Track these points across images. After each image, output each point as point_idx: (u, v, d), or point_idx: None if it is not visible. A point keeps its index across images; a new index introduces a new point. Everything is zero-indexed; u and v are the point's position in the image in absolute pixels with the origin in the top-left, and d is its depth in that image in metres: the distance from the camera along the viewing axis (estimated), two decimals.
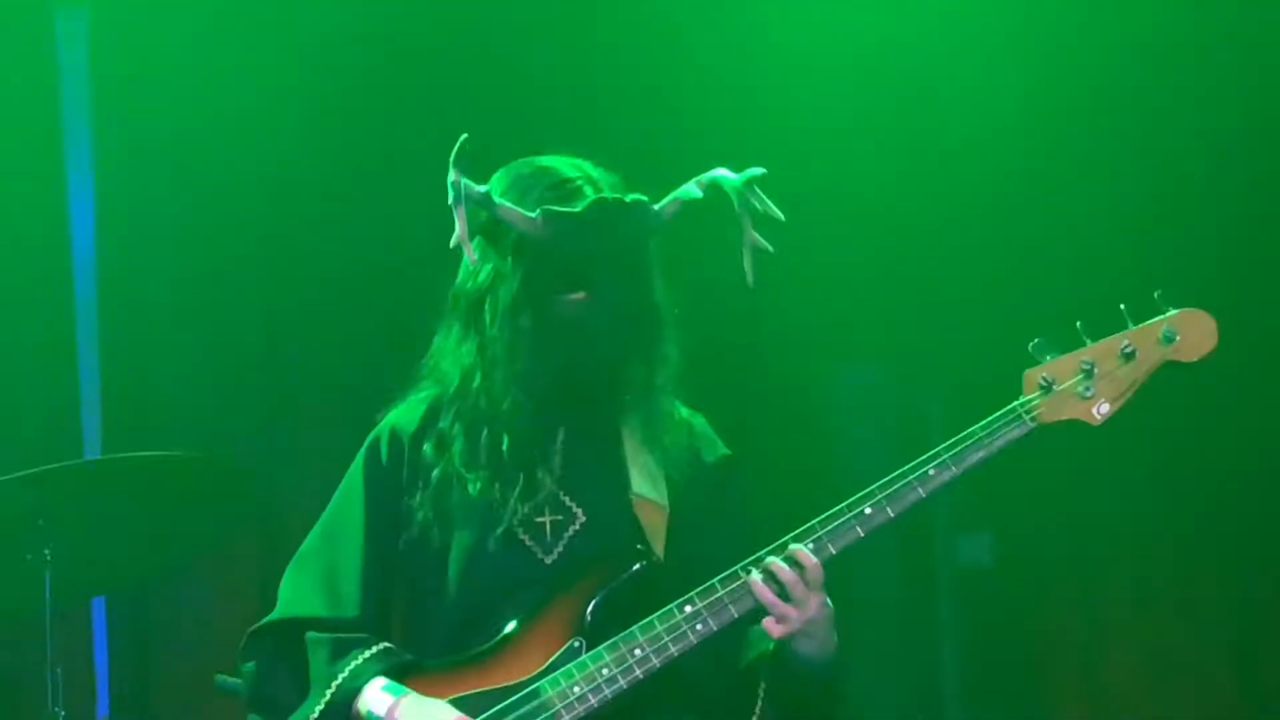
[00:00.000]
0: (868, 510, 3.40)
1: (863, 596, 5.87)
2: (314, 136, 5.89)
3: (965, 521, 5.98)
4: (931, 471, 3.41)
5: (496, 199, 3.49)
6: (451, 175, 3.46)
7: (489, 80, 5.91)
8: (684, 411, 3.65)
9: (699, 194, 3.54)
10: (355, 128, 5.94)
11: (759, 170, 3.54)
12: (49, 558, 4.44)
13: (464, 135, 3.46)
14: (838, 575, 3.41)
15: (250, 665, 3.56)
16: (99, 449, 5.76)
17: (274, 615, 3.58)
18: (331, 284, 5.91)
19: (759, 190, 3.53)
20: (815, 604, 3.37)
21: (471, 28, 5.99)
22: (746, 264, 3.54)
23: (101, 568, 4.69)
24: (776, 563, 3.37)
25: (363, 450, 3.65)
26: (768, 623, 3.38)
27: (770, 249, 3.55)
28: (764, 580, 3.37)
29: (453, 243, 3.50)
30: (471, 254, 3.49)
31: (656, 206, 3.53)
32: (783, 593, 3.36)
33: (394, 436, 3.62)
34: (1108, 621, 5.90)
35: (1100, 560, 5.91)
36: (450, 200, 3.47)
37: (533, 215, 3.47)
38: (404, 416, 3.64)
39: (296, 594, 3.58)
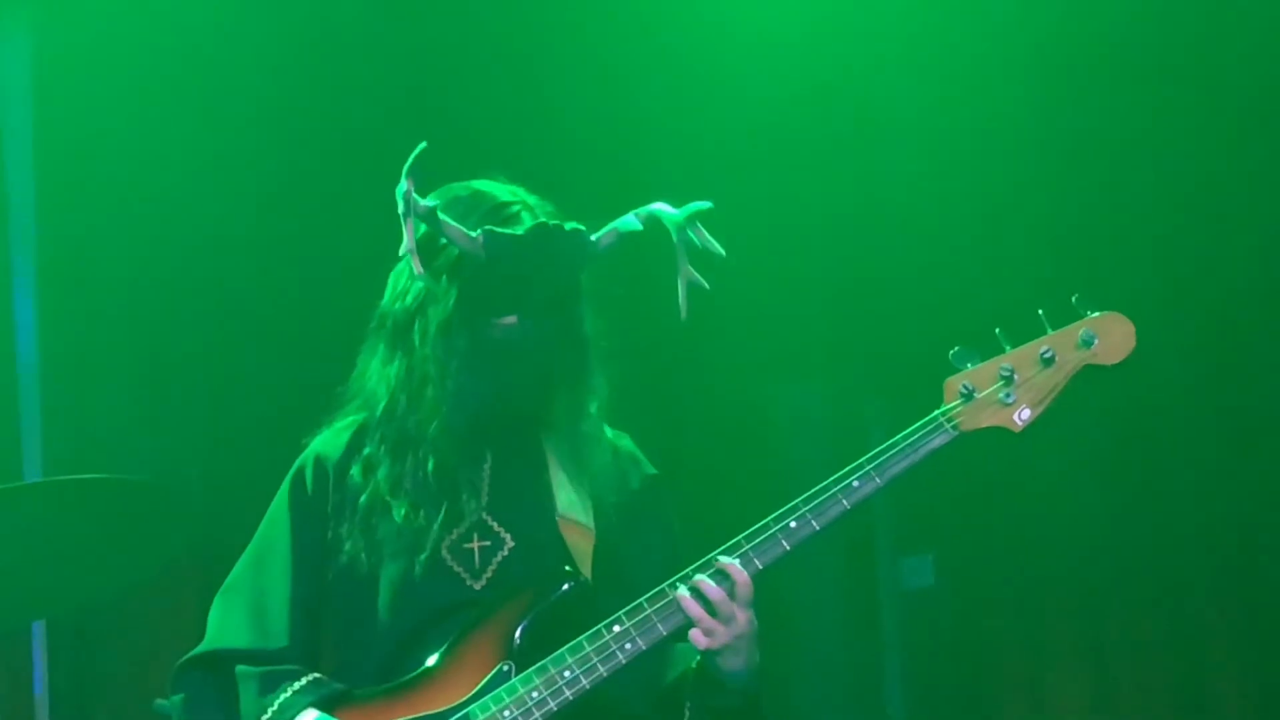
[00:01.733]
0: (793, 524, 3.40)
1: (807, 619, 5.89)
2: (257, 159, 5.87)
3: (907, 543, 6.01)
4: (855, 483, 3.41)
5: (442, 216, 3.49)
6: (404, 185, 3.46)
7: (434, 100, 5.90)
8: (610, 433, 3.66)
9: (638, 226, 3.55)
10: (304, 146, 5.92)
11: (704, 204, 3.54)
12: None
13: (422, 144, 3.46)
14: (768, 593, 3.42)
15: (178, 697, 3.56)
16: (39, 471, 5.72)
17: (202, 647, 3.58)
18: (278, 305, 5.89)
19: (700, 225, 3.53)
20: (744, 619, 3.37)
21: (421, 44, 5.99)
22: (681, 298, 3.54)
23: (41, 590, 4.65)
24: (704, 579, 3.37)
25: (288, 479, 3.65)
26: (694, 634, 3.37)
27: (706, 286, 3.55)
28: (692, 596, 3.37)
29: (401, 251, 3.49)
30: (418, 265, 3.47)
31: (594, 237, 3.53)
32: (710, 609, 3.36)
33: (319, 464, 3.62)
34: (1050, 639, 5.92)
35: (1042, 578, 5.94)
36: (400, 211, 3.47)
37: (474, 235, 3.47)
38: (329, 443, 3.64)
39: (224, 625, 3.57)
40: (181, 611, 5.76)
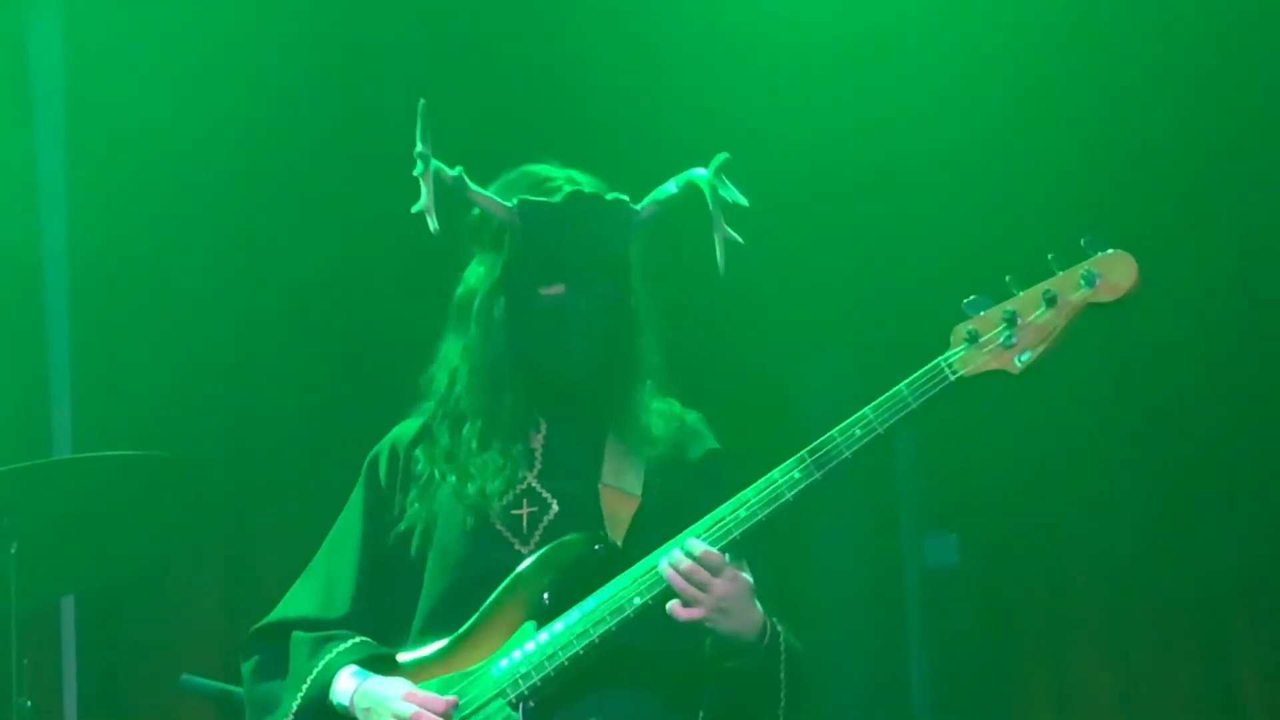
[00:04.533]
0: (796, 474, 3.40)
1: (831, 596, 5.89)
2: (291, 137, 5.90)
3: (932, 522, 6.01)
4: (858, 432, 3.40)
5: (470, 184, 3.54)
6: (419, 146, 3.51)
7: (469, 84, 5.92)
8: (677, 407, 3.70)
9: (675, 190, 3.59)
10: (334, 129, 5.95)
11: (723, 155, 3.58)
12: (15, 555, 4.44)
13: (421, 101, 3.51)
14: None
15: (247, 663, 3.67)
16: (69, 448, 5.76)
17: (268, 618, 3.68)
18: (305, 286, 5.90)
19: (725, 178, 3.58)
20: (722, 584, 3.38)
21: (453, 30, 6.01)
22: (719, 254, 3.59)
23: (69, 566, 4.68)
24: (676, 552, 3.40)
25: (365, 463, 3.74)
26: (672, 606, 3.40)
27: (741, 241, 3.59)
28: (670, 567, 3.41)
29: (413, 209, 3.54)
30: (433, 222, 3.52)
31: (636, 206, 3.58)
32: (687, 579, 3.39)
33: (392, 448, 3.71)
34: (1075, 618, 5.92)
35: (1067, 557, 5.93)
36: (417, 170, 3.52)
37: (510, 204, 3.54)
38: (404, 429, 3.74)
39: (293, 598, 3.69)
40: (209, 588, 5.81)
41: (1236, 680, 5.78)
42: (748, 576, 3.44)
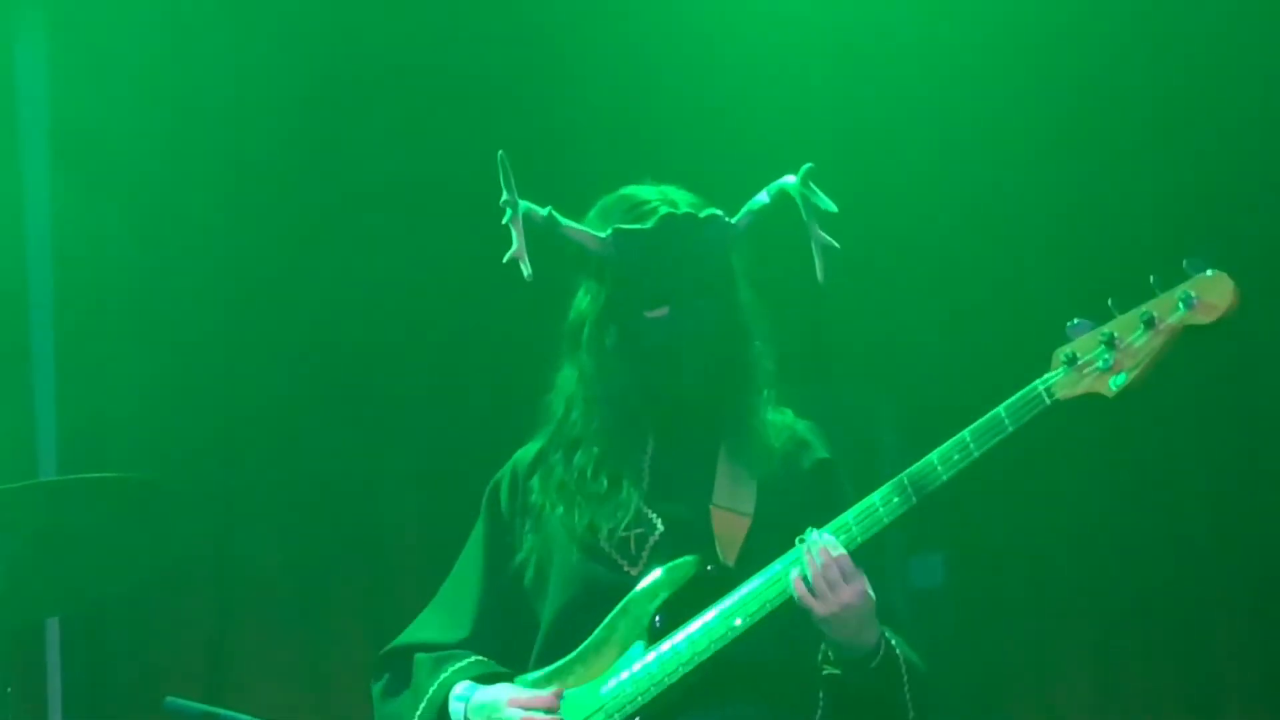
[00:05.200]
0: (895, 499, 3.50)
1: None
2: (275, 159, 5.89)
3: (917, 542, 6.00)
4: (956, 456, 3.47)
5: (562, 220, 3.63)
6: (505, 194, 3.61)
7: (468, 85, 5.91)
8: (790, 417, 3.75)
9: (767, 200, 3.68)
10: (317, 152, 5.94)
11: (809, 165, 3.66)
12: None
13: (500, 152, 3.61)
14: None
15: (376, 685, 3.80)
16: (54, 470, 5.75)
17: (396, 641, 3.81)
18: (290, 308, 5.90)
19: (813, 185, 3.65)
20: (849, 592, 3.46)
21: (449, 31, 5.99)
22: (818, 262, 3.66)
23: (54, 589, 4.67)
24: (817, 543, 3.48)
25: (487, 491, 3.83)
26: (798, 584, 3.46)
27: (837, 246, 3.66)
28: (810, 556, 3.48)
29: (505, 258, 3.63)
30: (526, 267, 3.62)
31: (731, 220, 3.65)
32: (810, 583, 3.47)
33: (513, 474, 3.81)
34: (1060, 642, 5.92)
35: (1052, 582, 5.93)
36: (505, 219, 3.62)
37: (603, 235, 3.62)
38: (524, 454, 3.82)
39: (420, 623, 3.82)
40: (194, 610, 5.80)
41: (1221, 698, 5.78)
42: (872, 594, 3.50)
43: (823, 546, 3.47)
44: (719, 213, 3.65)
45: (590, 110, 5.91)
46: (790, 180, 3.66)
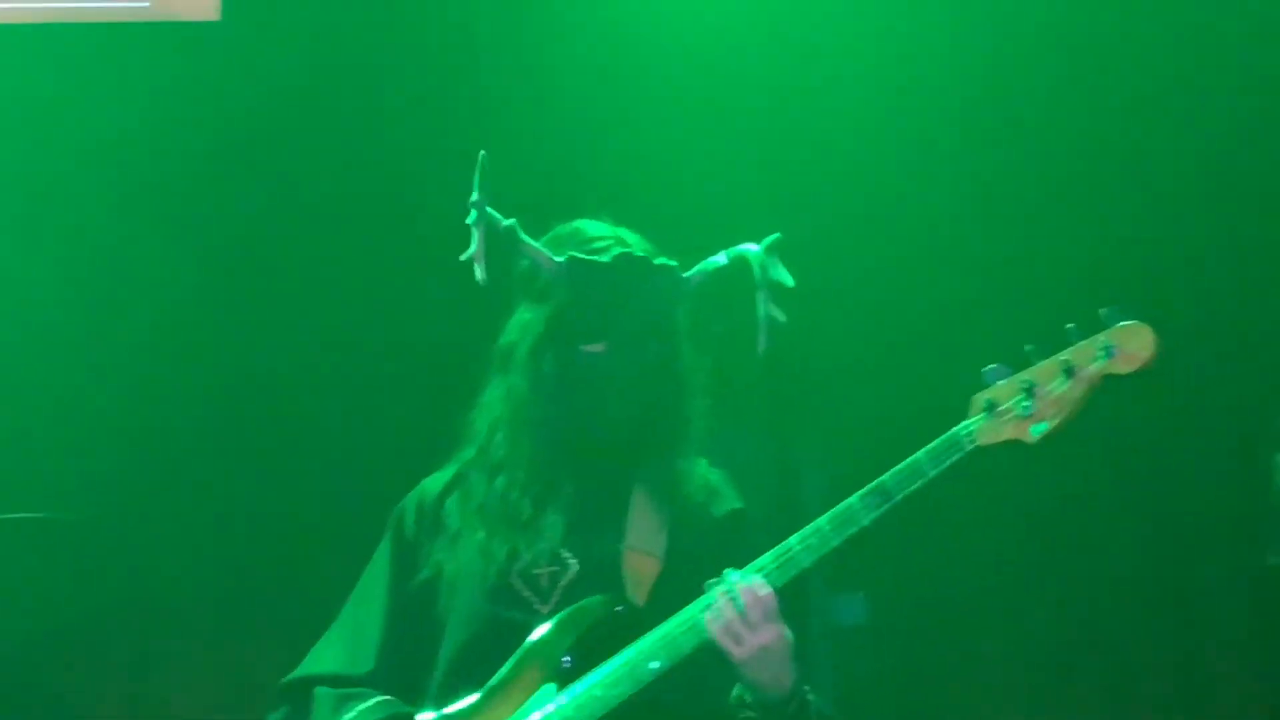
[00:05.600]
0: (814, 541, 3.50)
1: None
2: (194, 191, 5.86)
3: (838, 580, 6.02)
4: (877, 500, 3.48)
5: (522, 235, 3.64)
6: (474, 195, 3.60)
7: (465, 89, 5.90)
8: (703, 466, 3.75)
9: (724, 262, 3.70)
10: (244, 191, 5.91)
11: (775, 235, 3.69)
12: None
13: (481, 153, 3.61)
14: None
15: (273, 718, 3.71)
16: None
17: (295, 672, 3.73)
18: (210, 344, 5.88)
19: (775, 257, 3.68)
20: (768, 633, 3.47)
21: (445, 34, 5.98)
22: (761, 334, 3.69)
23: None
24: (737, 583, 3.47)
25: (392, 516, 3.78)
26: (718, 630, 3.46)
27: (783, 319, 3.69)
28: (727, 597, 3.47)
29: (463, 257, 3.61)
30: (481, 272, 3.61)
31: (685, 274, 3.67)
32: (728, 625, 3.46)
33: (420, 499, 3.77)
34: (986, 678, 5.95)
35: (976, 616, 5.96)
36: (470, 219, 3.60)
37: (559, 259, 3.63)
38: (434, 480, 3.79)
39: (319, 652, 3.74)
40: (112, 651, 5.76)
41: None
42: (789, 635, 3.50)
43: (747, 587, 3.47)
44: (674, 264, 3.68)
45: (561, 132, 5.90)
46: (752, 248, 3.69)
